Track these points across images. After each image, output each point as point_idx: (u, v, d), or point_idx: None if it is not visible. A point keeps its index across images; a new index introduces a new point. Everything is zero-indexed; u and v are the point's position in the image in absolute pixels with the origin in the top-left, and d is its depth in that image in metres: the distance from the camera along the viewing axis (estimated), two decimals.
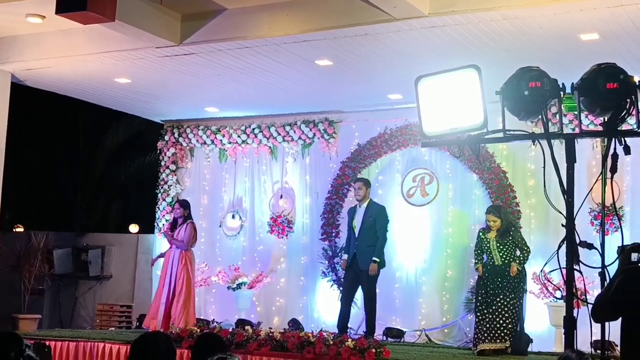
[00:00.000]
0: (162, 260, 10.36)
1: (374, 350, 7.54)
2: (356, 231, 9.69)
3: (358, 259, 9.58)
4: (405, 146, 11.22)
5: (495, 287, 8.55)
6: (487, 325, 8.38)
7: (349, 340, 7.73)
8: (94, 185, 16.24)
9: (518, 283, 8.60)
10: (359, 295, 10.03)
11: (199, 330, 8.60)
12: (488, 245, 8.75)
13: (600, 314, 4.42)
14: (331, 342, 7.74)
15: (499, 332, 8.36)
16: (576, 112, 4.60)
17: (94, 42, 9.31)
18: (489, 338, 8.34)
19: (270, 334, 8.15)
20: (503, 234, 8.72)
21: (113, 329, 12.03)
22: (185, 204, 10.43)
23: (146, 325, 10.03)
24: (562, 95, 4.54)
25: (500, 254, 8.66)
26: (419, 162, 11.24)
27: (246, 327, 8.59)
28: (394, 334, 10.35)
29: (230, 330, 8.63)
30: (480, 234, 8.93)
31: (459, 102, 4.69)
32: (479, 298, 8.69)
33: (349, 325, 10.23)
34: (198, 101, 11.64)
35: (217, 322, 9.58)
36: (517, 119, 4.68)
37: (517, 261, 8.61)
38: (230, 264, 11.99)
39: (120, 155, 16.41)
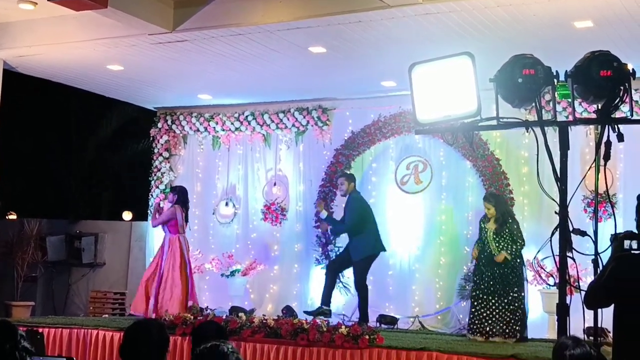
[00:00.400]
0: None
1: (367, 337, 7.56)
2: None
3: (349, 251, 9.86)
4: (399, 134, 11.22)
5: (495, 278, 8.57)
6: (501, 320, 8.42)
7: (343, 327, 7.75)
8: (86, 173, 16.22)
9: (520, 274, 8.64)
10: (352, 282, 10.10)
11: (192, 317, 8.60)
12: (486, 234, 8.79)
13: (593, 300, 4.44)
14: (325, 329, 7.75)
15: (511, 327, 8.44)
16: (570, 100, 4.60)
17: (86, 29, 9.27)
18: (503, 333, 8.40)
19: (264, 321, 8.16)
20: (501, 225, 8.74)
21: (106, 316, 12.02)
22: (175, 189, 10.45)
23: (133, 311, 10.06)
24: (555, 83, 4.54)
25: (496, 244, 8.68)
26: (413, 149, 11.25)
27: (240, 314, 8.59)
28: (388, 320, 10.37)
29: (224, 317, 8.64)
30: (481, 223, 8.96)
31: (452, 90, 4.69)
32: (480, 285, 8.67)
33: (343, 312, 10.28)
34: (191, 88, 11.61)
35: (210, 310, 9.58)
36: (511, 106, 4.68)
37: (509, 252, 8.63)
38: (223, 251, 12.00)
39: (113, 142, 16.38)
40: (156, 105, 12.93)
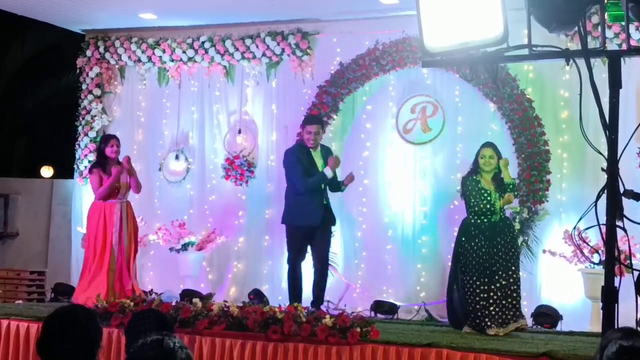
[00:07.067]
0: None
1: (358, 330, 7.61)
2: None
3: (329, 215, 9.88)
4: (401, 66, 11.20)
5: (499, 252, 8.69)
6: (514, 302, 8.58)
7: (327, 317, 7.79)
8: None
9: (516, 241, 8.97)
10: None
11: (132, 304, 8.63)
12: (489, 196, 8.78)
13: None
14: (304, 320, 7.80)
15: (519, 307, 8.64)
16: (623, 23, 4.60)
17: None
18: (515, 317, 8.59)
19: (226, 309, 8.20)
20: (499, 182, 8.81)
21: (20, 301, 12.06)
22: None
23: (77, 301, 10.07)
24: (605, 1, 4.54)
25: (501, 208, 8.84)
26: (420, 87, 11.25)
27: (194, 300, 8.64)
28: (385, 309, 10.46)
29: (174, 304, 8.68)
30: (473, 181, 8.86)
31: (471, 9, 4.68)
32: (484, 264, 8.75)
33: (327, 298, 10.35)
34: (130, 5, 11.52)
35: (156, 294, 9.63)
36: (548, 31, 4.68)
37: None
38: (173, 218, 12.01)
39: (27, 76, 16.29)
40: (84, 27, 12.83)
